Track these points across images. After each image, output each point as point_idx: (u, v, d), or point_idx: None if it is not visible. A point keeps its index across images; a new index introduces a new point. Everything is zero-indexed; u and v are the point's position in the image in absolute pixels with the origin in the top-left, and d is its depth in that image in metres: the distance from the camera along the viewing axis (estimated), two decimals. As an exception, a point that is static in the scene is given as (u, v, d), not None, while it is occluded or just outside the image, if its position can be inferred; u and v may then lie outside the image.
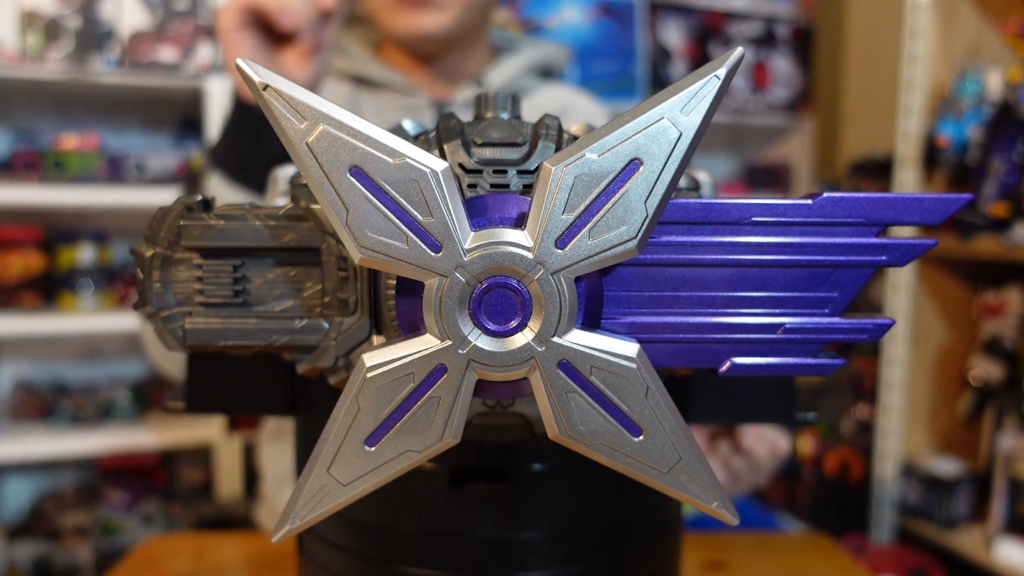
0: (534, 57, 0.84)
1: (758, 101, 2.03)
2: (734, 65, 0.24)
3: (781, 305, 0.27)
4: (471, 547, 0.34)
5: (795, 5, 2.05)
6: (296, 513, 0.26)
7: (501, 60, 0.84)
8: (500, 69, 0.82)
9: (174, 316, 0.30)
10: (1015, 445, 1.31)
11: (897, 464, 1.50)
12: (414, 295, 0.26)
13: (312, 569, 0.38)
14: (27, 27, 1.45)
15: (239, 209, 0.30)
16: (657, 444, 0.26)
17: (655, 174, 0.24)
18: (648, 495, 0.28)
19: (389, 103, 0.79)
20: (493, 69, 0.82)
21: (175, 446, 1.64)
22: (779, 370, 0.27)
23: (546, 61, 0.86)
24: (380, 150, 0.24)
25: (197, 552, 0.66)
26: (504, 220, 0.25)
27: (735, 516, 0.26)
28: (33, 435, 1.54)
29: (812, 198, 0.27)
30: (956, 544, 1.38)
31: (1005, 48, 1.45)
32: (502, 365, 0.25)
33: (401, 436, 0.26)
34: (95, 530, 1.57)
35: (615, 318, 0.27)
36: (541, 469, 0.34)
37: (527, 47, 0.86)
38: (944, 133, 1.40)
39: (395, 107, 0.79)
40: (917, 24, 1.43)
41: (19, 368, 1.71)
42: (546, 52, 0.86)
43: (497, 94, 0.32)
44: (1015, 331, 1.39)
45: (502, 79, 0.81)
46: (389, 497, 0.32)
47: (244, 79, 0.24)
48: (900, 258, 0.27)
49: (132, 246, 0.30)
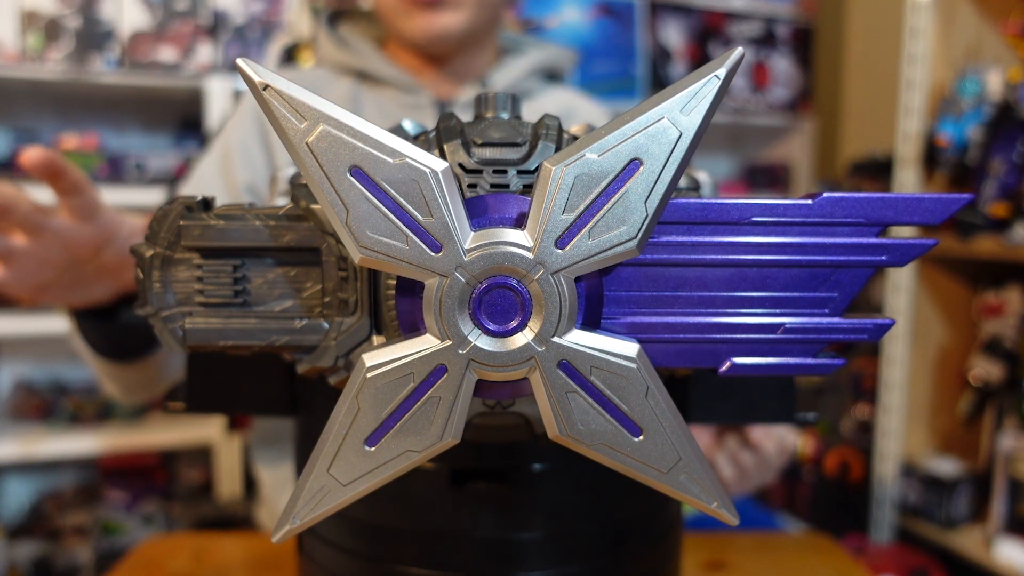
0: (540, 59, 0.84)
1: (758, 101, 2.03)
2: (734, 65, 0.24)
3: (781, 305, 0.27)
4: (471, 547, 0.34)
5: (795, 5, 2.05)
6: (296, 513, 0.26)
7: (506, 61, 0.83)
8: (505, 70, 0.81)
9: (174, 316, 0.30)
10: (1015, 445, 1.31)
11: (897, 464, 1.50)
12: (414, 295, 0.26)
13: (312, 569, 0.38)
14: (27, 27, 1.45)
15: (239, 209, 0.30)
16: (657, 444, 0.26)
17: (655, 174, 0.24)
18: (648, 495, 0.28)
19: (391, 101, 0.79)
20: (498, 70, 0.81)
21: (175, 446, 1.64)
22: (779, 370, 0.27)
23: (551, 64, 0.85)
24: (380, 150, 0.24)
25: (197, 552, 0.66)
26: (504, 220, 0.25)
27: (735, 516, 0.26)
28: (33, 435, 1.54)
29: (812, 198, 0.27)
30: (956, 544, 1.38)
31: (1005, 48, 1.45)
32: (502, 365, 0.25)
33: (401, 436, 0.26)
34: (95, 530, 1.57)
35: (615, 318, 0.27)
36: (541, 469, 0.34)
37: (533, 49, 0.86)
38: (944, 133, 1.40)
39: (397, 105, 0.78)
40: (917, 24, 1.43)
41: (19, 368, 1.71)
42: (552, 54, 0.85)
43: (497, 94, 0.32)
44: (1015, 331, 1.39)
45: (506, 81, 0.80)
46: (389, 497, 0.32)
47: (244, 79, 0.24)
48: (900, 258, 0.27)
49: (132, 246, 0.30)
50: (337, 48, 0.80)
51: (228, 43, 1.56)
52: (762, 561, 0.66)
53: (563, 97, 0.85)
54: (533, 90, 0.83)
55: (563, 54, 0.87)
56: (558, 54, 0.86)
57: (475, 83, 0.81)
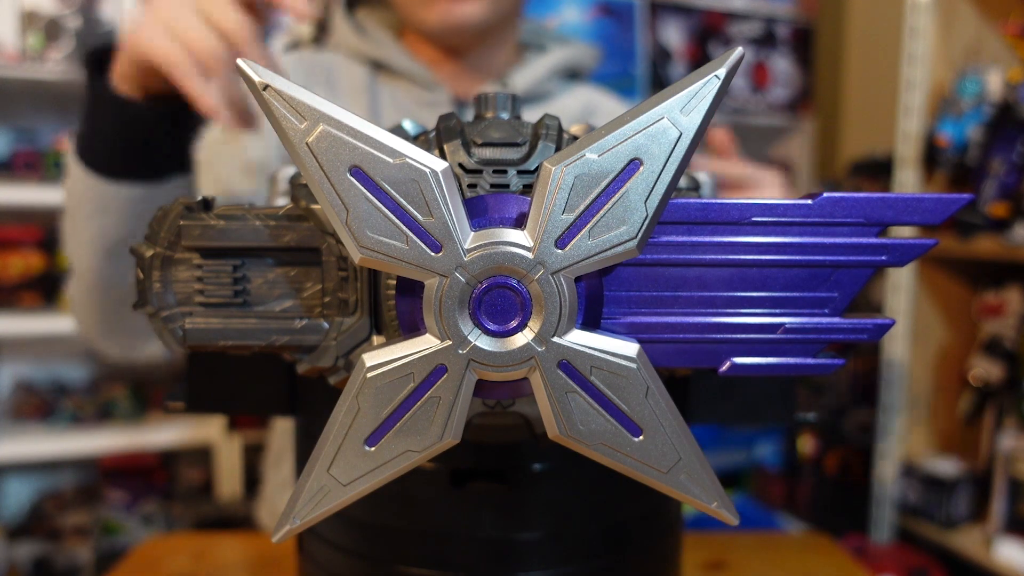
0: (563, 59, 0.81)
1: (758, 101, 2.03)
2: (734, 65, 0.24)
3: (781, 305, 0.27)
4: (471, 547, 0.34)
5: (795, 5, 2.05)
6: (296, 513, 0.26)
7: (528, 60, 0.80)
8: (526, 70, 0.78)
9: (174, 316, 0.30)
10: (1015, 445, 1.31)
11: (897, 464, 1.50)
12: (414, 295, 0.26)
13: (312, 569, 0.38)
14: (27, 27, 1.45)
15: (239, 209, 0.30)
16: (657, 444, 0.26)
17: (655, 174, 0.24)
18: (648, 495, 0.28)
19: (407, 96, 0.76)
20: (519, 70, 0.78)
21: (175, 446, 1.64)
22: (779, 370, 0.27)
23: (575, 63, 0.82)
24: (380, 150, 0.24)
25: (197, 552, 0.66)
26: (504, 220, 0.25)
27: (735, 516, 0.26)
28: (33, 435, 1.54)
29: (812, 198, 0.27)
30: (956, 544, 1.38)
31: (1005, 48, 1.45)
32: (502, 365, 0.25)
33: (401, 436, 0.26)
34: (95, 530, 1.57)
35: (615, 318, 0.27)
36: (541, 469, 0.34)
37: (557, 47, 0.82)
38: (944, 133, 1.40)
39: (414, 101, 0.76)
40: (917, 24, 1.43)
41: (19, 368, 1.71)
42: (575, 53, 0.82)
43: (497, 94, 0.32)
44: (1015, 331, 1.40)
45: (527, 81, 0.77)
46: (389, 497, 0.32)
47: (244, 79, 0.24)
48: (900, 258, 0.27)
49: (132, 246, 0.30)
50: (355, 35, 0.78)
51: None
52: (762, 561, 0.66)
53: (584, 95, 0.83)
54: (554, 91, 0.80)
55: (587, 52, 0.84)
56: (581, 52, 0.83)
57: (495, 82, 0.78)
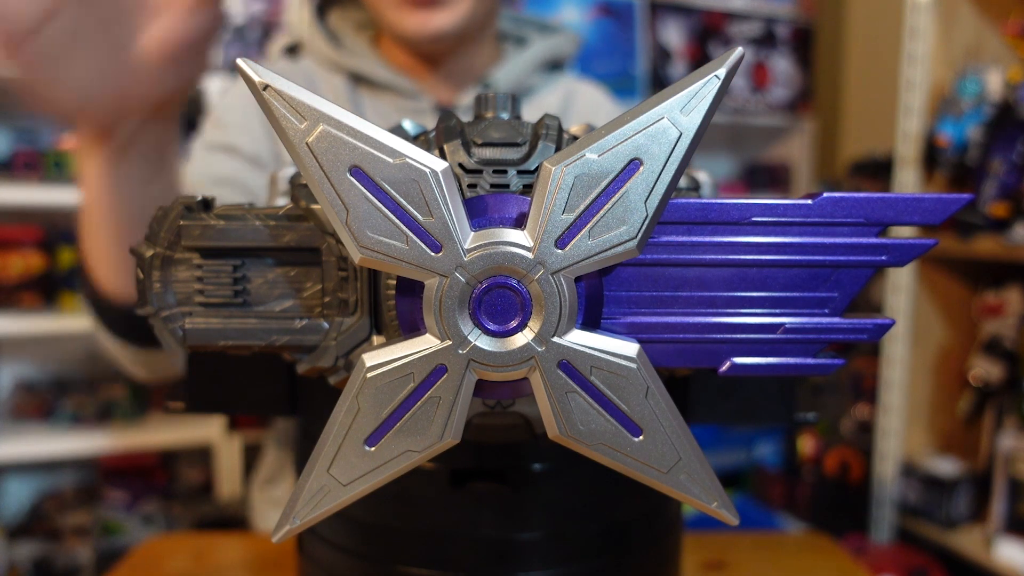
0: (543, 52, 0.80)
1: (758, 101, 2.03)
2: (734, 65, 0.24)
3: (781, 305, 0.27)
4: (471, 547, 0.34)
5: (795, 5, 2.05)
6: (296, 513, 0.26)
7: (508, 56, 0.80)
8: (507, 68, 0.78)
9: (174, 316, 0.30)
10: (1015, 445, 1.31)
11: (897, 464, 1.50)
12: (414, 295, 0.26)
13: (312, 569, 0.38)
14: (27, 27, 1.45)
15: (239, 209, 0.30)
16: (657, 444, 0.26)
17: (655, 174, 0.24)
18: (648, 495, 0.28)
19: (391, 106, 0.76)
20: (499, 69, 0.78)
21: (175, 446, 1.64)
22: (779, 370, 0.27)
23: (556, 54, 0.82)
24: (380, 150, 0.24)
25: (197, 552, 0.66)
26: (504, 220, 0.25)
27: (735, 516, 0.26)
28: (33, 435, 1.54)
29: (812, 198, 0.27)
30: (956, 544, 1.38)
31: (1005, 48, 1.45)
32: (502, 365, 0.25)
33: (401, 436, 0.26)
34: (95, 530, 1.57)
35: (615, 318, 0.27)
36: (541, 469, 0.34)
37: (537, 39, 0.82)
38: (944, 133, 1.40)
39: (397, 110, 0.75)
40: (917, 24, 1.43)
41: (19, 368, 1.71)
42: (556, 44, 0.82)
43: (497, 94, 0.32)
44: (1015, 331, 1.40)
45: (509, 80, 0.78)
46: (389, 497, 0.32)
47: (244, 79, 0.24)
48: (900, 258, 0.27)
49: (132, 246, 0.30)
50: (328, 45, 0.77)
51: (228, 43, 1.56)
52: (762, 561, 0.66)
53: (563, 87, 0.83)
54: (536, 86, 0.80)
55: (566, 41, 0.83)
56: (561, 43, 0.83)
57: (476, 85, 0.78)
